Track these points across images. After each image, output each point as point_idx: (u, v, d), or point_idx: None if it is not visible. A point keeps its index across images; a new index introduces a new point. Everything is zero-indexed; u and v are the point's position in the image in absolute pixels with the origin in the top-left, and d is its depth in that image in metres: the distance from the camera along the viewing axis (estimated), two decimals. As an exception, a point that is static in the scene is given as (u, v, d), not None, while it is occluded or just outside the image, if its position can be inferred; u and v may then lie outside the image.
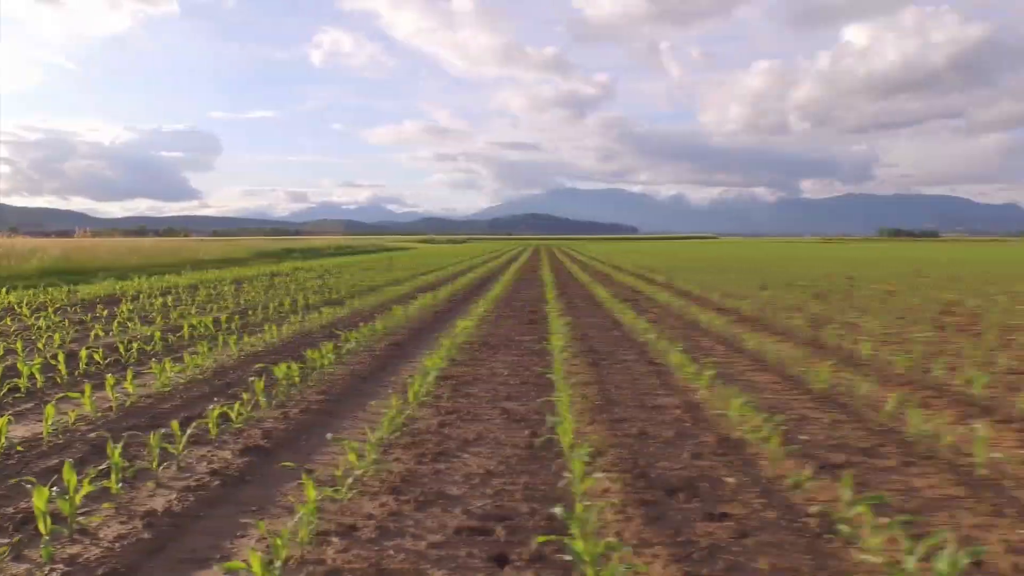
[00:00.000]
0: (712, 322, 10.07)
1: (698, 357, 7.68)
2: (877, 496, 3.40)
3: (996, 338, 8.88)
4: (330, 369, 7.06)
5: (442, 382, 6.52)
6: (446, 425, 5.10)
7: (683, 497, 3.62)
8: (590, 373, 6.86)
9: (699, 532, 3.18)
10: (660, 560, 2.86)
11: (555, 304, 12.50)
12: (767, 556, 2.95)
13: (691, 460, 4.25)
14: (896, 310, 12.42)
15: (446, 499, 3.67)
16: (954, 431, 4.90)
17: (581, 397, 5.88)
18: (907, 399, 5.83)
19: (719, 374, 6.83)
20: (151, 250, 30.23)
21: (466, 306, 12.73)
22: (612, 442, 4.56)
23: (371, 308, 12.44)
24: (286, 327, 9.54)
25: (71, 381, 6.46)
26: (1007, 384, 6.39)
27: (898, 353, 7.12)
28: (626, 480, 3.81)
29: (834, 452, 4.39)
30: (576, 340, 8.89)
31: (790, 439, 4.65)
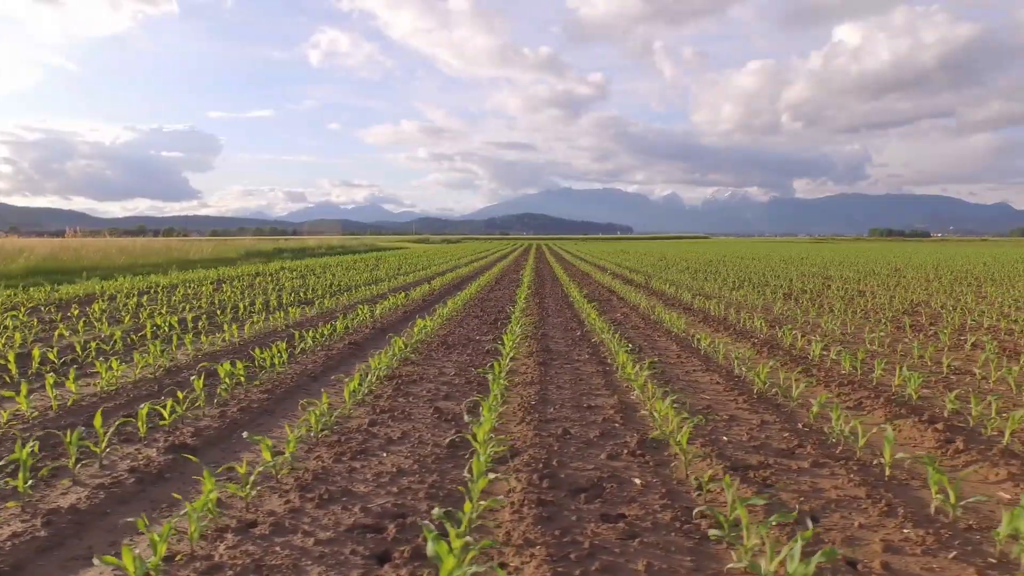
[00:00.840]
0: (676, 322, 10.15)
1: (646, 357, 7.77)
2: (763, 496, 3.49)
3: (948, 339, 8.98)
4: (280, 369, 7.12)
5: (387, 381, 6.59)
6: (376, 424, 5.17)
7: (584, 498, 3.68)
8: (537, 372, 6.93)
9: (587, 533, 3.24)
10: (535, 560, 2.92)
11: (525, 304, 12.58)
12: (648, 557, 3.00)
13: (606, 461, 4.32)
14: (861, 310, 12.52)
15: (349, 497, 3.74)
16: (877, 431, 5.01)
17: (519, 396, 5.96)
18: (842, 399, 5.94)
19: (664, 375, 6.95)
20: (140, 250, 30.23)
21: (436, 306, 12.78)
22: (534, 442, 4.62)
23: (341, 308, 12.50)
24: (248, 327, 9.60)
25: (18, 381, 6.51)
26: (946, 384, 6.48)
27: (846, 353, 7.19)
28: (532, 480, 3.87)
29: (752, 453, 4.46)
30: (534, 339, 8.96)
31: (713, 440, 4.73)
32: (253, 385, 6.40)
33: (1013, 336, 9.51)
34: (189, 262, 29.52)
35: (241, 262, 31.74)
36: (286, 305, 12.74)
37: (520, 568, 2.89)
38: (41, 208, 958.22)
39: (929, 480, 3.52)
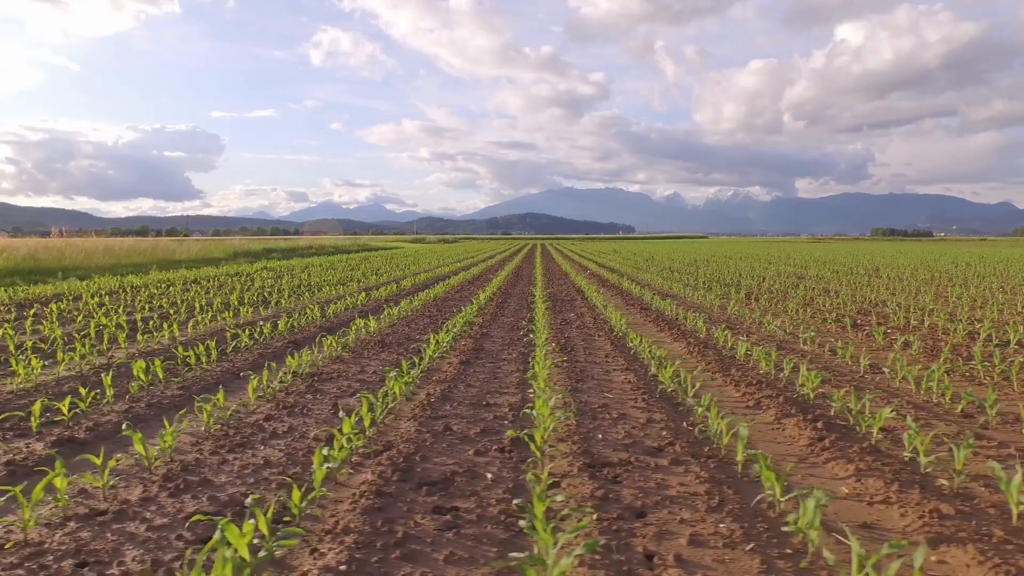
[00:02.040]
0: (619, 322, 10.27)
1: (577, 356, 7.91)
2: (578, 506, 3.62)
3: (882, 338, 9.10)
4: (207, 367, 7.27)
5: (305, 379, 6.73)
6: (271, 419, 5.31)
7: (427, 491, 3.81)
8: (455, 370, 7.06)
9: (409, 523, 3.37)
10: (342, 546, 3.05)
11: (484, 304, 12.72)
12: (454, 547, 3.12)
13: (472, 456, 4.45)
14: (817, 310, 12.62)
15: (205, 487, 3.88)
16: (756, 431, 5.14)
17: (425, 393, 6.10)
18: (746, 399, 6.06)
19: (582, 373, 7.07)
20: (125, 250, 30.41)
21: (392, 305, 12.91)
22: (410, 437, 4.76)
23: (299, 307, 12.65)
24: (191, 327, 9.75)
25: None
26: (854, 384, 6.60)
27: (762, 353, 7.31)
28: (385, 474, 4.01)
29: (619, 451, 4.56)
30: (472, 339, 9.10)
31: (588, 438, 4.85)
32: (172, 382, 6.55)
33: (948, 336, 9.62)
34: (173, 262, 29.72)
35: (227, 262, 31.91)
36: (247, 304, 12.90)
37: (324, 553, 3.02)
38: (44, 208, 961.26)
39: (762, 475, 3.64)
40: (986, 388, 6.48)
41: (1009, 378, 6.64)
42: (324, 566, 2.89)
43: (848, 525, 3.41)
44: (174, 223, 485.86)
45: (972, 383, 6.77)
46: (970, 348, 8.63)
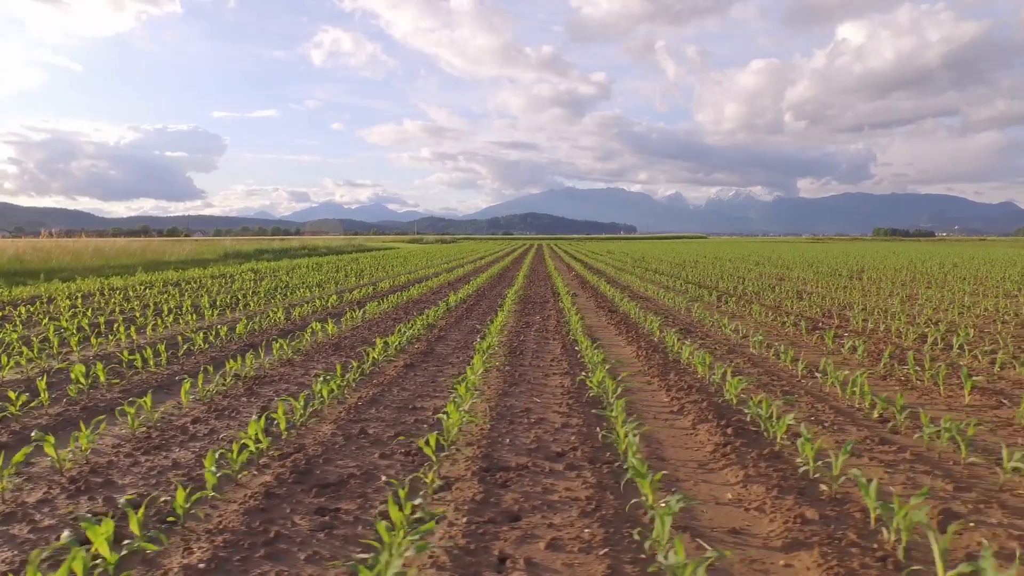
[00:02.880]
0: (588, 323, 10.38)
1: (519, 360, 8.02)
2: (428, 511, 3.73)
3: (831, 341, 9.20)
4: (155, 370, 7.40)
5: (246, 381, 6.85)
6: (198, 422, 5.43)
7: (316, 492, 3.93)
8: (397, 373, 7.19)
9: (285, 525, 3.49)
10: (213, 545, 3.18)
11: (453, 306, 12.84)
12: (320, 547, 3.24)
13: (376, 459, 4.56)
14: (783, 312, 12.71)
15: (107, 488, 4.00)
16: (670, 436, 5.25)
17: (357, 396, 6.22)
18: (673, 403, 6.17)
19: (522, 377, 7.19)
20: (114, 252, 30.58)
21: (353, 311, 13.05)
22: (321, 440, 4.88)
23: (266, 310, 12.77)
24: (150, 330, 9.88)
25: None
26: (785, 388, 6.71)
27: (699, 357, 7.41)
28: (283, 476, 4.13)
29: (521, 456, 4.65)
30: (425, 342, 9.22)
31: (496, 442, 4.96)
32: (115, 386, 6.68)
33: (900, 339, 9.72)
34: (162, 263, 29.88)
35: (216, 264, 32.07)
36: (218, 307, 13.03)
37: (193, 552, 3.15)
38: (47, 208, 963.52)
39: (640, 483, 3.73)
40: (917, 393, 6.60)
41: (939, 383, 6.74)
42: (186, 564, 3.01)
43: (718, 531, 3.53)
44: (176, 223, 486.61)
45: (905, 387, 6.88)
46: (919, 351, 8.74)
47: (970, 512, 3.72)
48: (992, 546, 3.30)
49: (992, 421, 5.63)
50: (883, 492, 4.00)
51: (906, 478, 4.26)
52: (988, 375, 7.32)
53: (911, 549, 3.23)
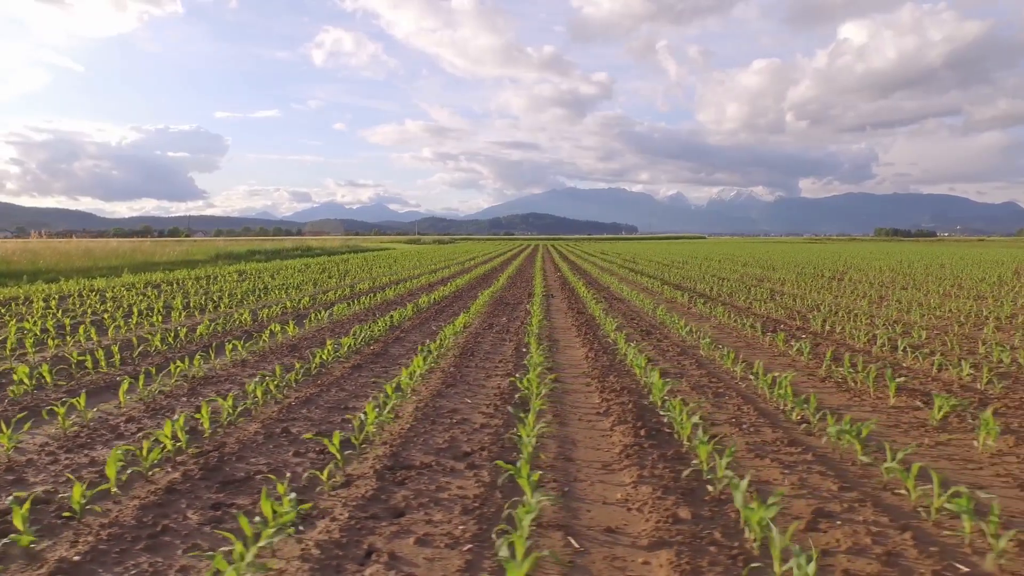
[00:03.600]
0: (553, 325, 10.51)
1: (466, 361, 8.16)
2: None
3: (782, 343, 9.33)
4: (106, 370, 7.55)
5: (192, 381, 7.00)
6: (132, 420, 5.57)
7: (218, 488, 4.09)
8: (342, 374, 7.33)
9: (176, 519, 3.64)
10: (98, 539, 3.33)
11: (419, 308, 12.98)
12: (204, 539, 3.40)
13: (291, 457, 4.72)
14: (749, 313, 12.84)
15: (17, 485, 4.15)
16: (587, 437, 5.39)
17: (295, 397, 6.36)
18: (602, 405, 6.31)
19: (463, 378, 7.33)
20: (103, 253, 30.78)
21: (318, 313, 13.21)
22: (246, 439, 5.03)
23: (236, 312, 12.93)
24: (112, 331, 10.02)
25: None
26: (715, 390, 6.85)
27: (639, 360, 7.55)
28: (191, 473, 4.28)
29: (430, 455, 4.77)
30: (384, 342, 9.36)
31: (411, 442, 5.10)
32: (60, 386, 6.83)
33: (852, 340, 9.84)
34: (152, 264, 30.06)
35: (206, 264, 32.24)
36: (192, 308, 13.19)
37: (79, 546, 3.30)
38: (49, 208, 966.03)
39: (520, 482, 3.85)
40: (850, 394, 6.72)
41: (870, 384, 6.87)
42: (62, 557, 3.16)
43: (594, 529, 3.66)
44: (177, 223, 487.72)
45: (840, 389, 7.01)
46: (867, 352, 8.88)
47: (844, 511, 3.85)
48: (846, 542, 3.44)
49: (909, 422, 5.76)
50: (767, 492, 4.13)
51: (798, 478, 4.39)
52: (924, 377, 7.45)
53: (766, 547, 3.36)
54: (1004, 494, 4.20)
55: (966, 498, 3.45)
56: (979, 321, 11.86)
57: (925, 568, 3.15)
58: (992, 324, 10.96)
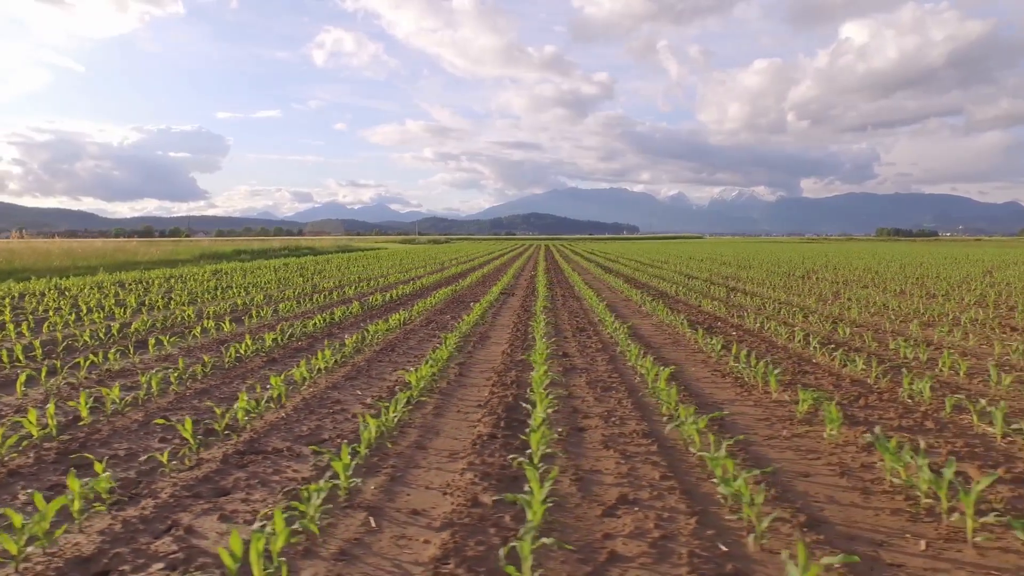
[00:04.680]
0: (497, 322, 10.71)
1: (384, 356, 8.37)
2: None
3: (701, 339, 9.52)
4: (23, 363, 7.77)
5: (98, 374, 7.22)
6: (20, 411, 5.80)
7: (64, 471, 4.30)
8: (262, 364, 7.54)
9: (7, 500, 3.87)
10: None
11: (366, 308, 13.19)
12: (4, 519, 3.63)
13: (156, 443, 4.93)
14: (695, 311, 13.02)
15: None
16: (454, 425, 5.59)
17: (194, 389, 6.58)
18: (486, 396, 6.51)
19: (365, 372, 7.53)
20: (84, 252, 31.04)
21: (261, 310, 13.40)
22: (122, 426, 5.24)
23: (176, 310, 13.16)
24: (46, 330, 10.25)
25: None
26: (596, 383, 7.06)
27: (570, 350, 7.74)
28: (46, 457, 4.50)
29: (287, 441, 4.98)
30: (314, 339, 9.58)
31: (279, 429, 5.32)
32: (-24, 380, 7.05)
33: (774, 338, 10.03)
34: (132, 264, 30.30)
35: (189, 264, 32.48)
36: (146, 307, 13.42)
37: None
38: (51, 209, 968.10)
39: (335, 466, 4.05)
40: (741, 390, 6.89)
41: (758, 380, 7.06)
42: None
43: (401, 511, 3.83)
44: (179, 224, 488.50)
45: (735, 384, 7.19)
46: (786, 349, 9.07)
47: (650, 497, 4.03)
48: (630, 526, 3.62)
49: (781, 416, 5.93)
50: (590, 480, 4.32)
51: (629, 468, 4.57)
52: (823, 372, 7.62)
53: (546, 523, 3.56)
54: (823, 481, 4.39)
55: (744, 485, 3.61)
56: (913, 318, 12.03)
57: (686, 549, 3.33)
58: (917, 321, 11.13)
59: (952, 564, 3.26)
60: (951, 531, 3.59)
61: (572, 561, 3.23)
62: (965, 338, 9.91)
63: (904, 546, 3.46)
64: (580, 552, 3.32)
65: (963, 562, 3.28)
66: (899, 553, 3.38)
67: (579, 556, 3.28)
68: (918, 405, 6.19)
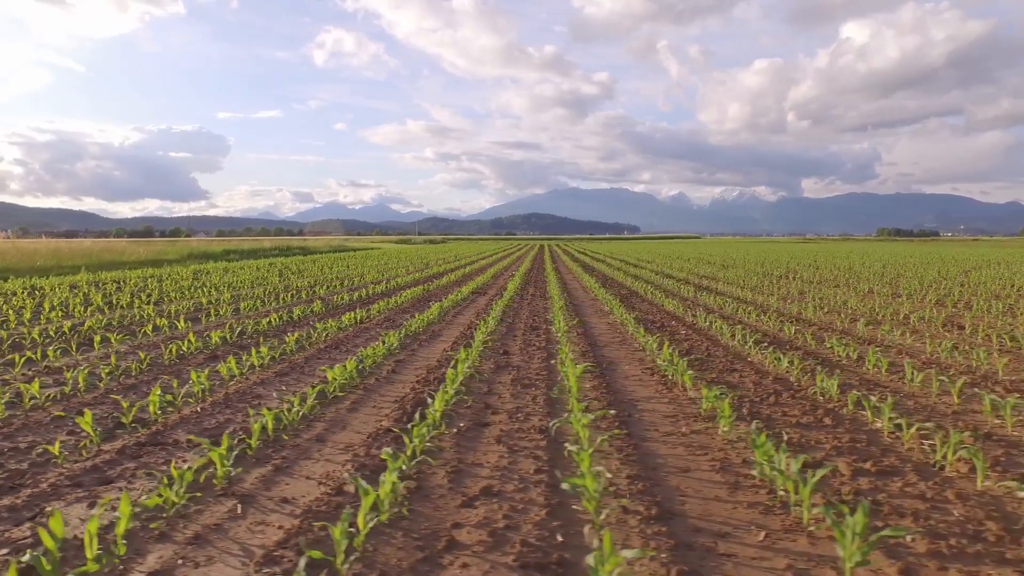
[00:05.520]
0: (456, 321, 10.85)
1: (325, 354, 8.52)
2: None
3: (642, 337, 9.66)
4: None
5: (33, 371, 7.38)
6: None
7: None
8: (205, 360, 7.70)
9: None
10: None
11: (329, 306, 13.33)
12: None
13: (64, 436, 5.09)
14: (656, 309, 13.16)
15: None
16: (362, 419, 5.74)
17: (128, 383, 6.73)
18: (408, 392, 6.65)
19: (297, 368, 7.67)
20: (71, 252, 31.24)
21: (218, 307, 13.55)
22: (35, 419, 5.40)
23: (136, 310, 13.32)
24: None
25: None
26: (523, 379, 7.21)
27: (512, 348, 7.90)
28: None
29: (191, 434, 5.16)
30: (265, 335, 9.73)
31: (189, 422, 5.48)
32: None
33: (719, 336, 10.17)
34: (118, 263, 30.48)
35: (175, 264, 32.65)
36: (114, 306, 13.59)
37: None
38: (52, 209, 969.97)
39: (211, 454, 4.25)
40: (662, 386, 7.03)
41: (677, 377, 7.19)
42: None
43: (273, 499, 3.99)
44: (180, 224, 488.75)
45: (660, 382, 7.32)
46: (727, 347, 9.20)
47: (513, 490, 4.16)
48: (480, 517, 3.77)
49: (689, 413, 6.05)
50: (464, 472, 4.48)
51: (511, 461, 4.69)
52: (751, 370, 7.76)
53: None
54: (700, 475, 4.53)
55: (591, 478, 3.73)
56: (866, 317, 12.16)
57: (522, 538, 3.46)
58: (864, 320, 11.27)
59: (780, 553, 3.40)
60: (795, 522, 3.73)
61: (410, 547, 3.38)
62: (904, 336, 10.05)
63: (744, 537, 3.59)
64: (422, 539, 3.46)
65: (792, 551, 3.42)
66: (736, 544, 3.52)
67: (419, 543, 3.42)
68: (827, 402, 6.33)
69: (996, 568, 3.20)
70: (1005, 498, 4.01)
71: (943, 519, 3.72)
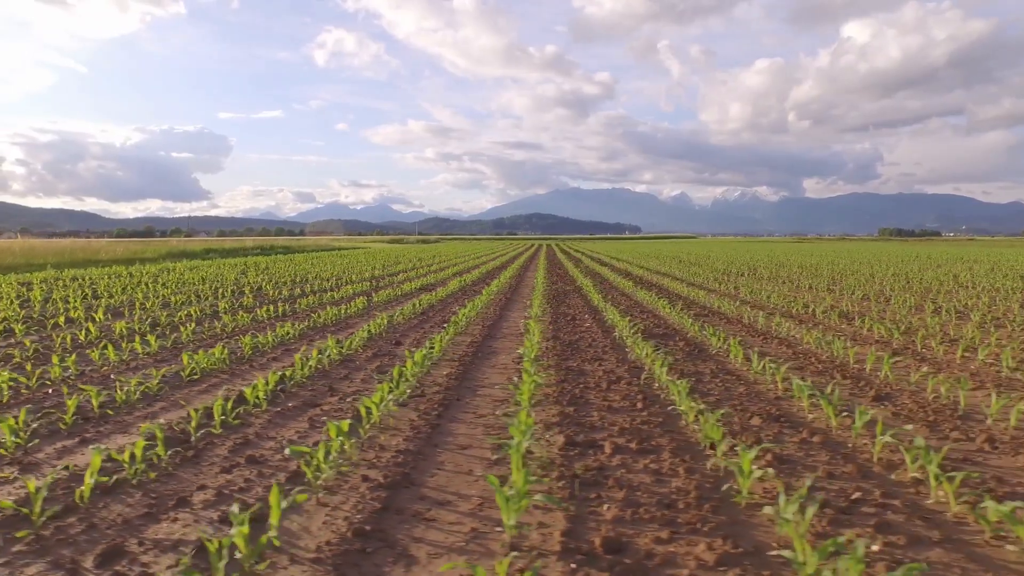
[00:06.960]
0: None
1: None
2: None
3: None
4: None
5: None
6: None
7: None
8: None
9: None
10: None
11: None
12: None
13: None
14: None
15: None
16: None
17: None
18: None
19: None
20: (45, 251, 31.61)
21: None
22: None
23: (73, 307, 13.62)
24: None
25: None
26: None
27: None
28: None
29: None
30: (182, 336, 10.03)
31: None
32: None
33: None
34: (91, 261, 30.82)
35: (152, 263, 32.97)
36: (53, 301, 13.93)
37: None
38: (54, 209, 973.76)
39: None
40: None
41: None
42: None
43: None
44: (181, 224, 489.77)
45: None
46: (611, 335, 9.47)
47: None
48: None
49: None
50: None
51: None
52: (613, 357, 8.04)
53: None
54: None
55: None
56: (776, 311, 12.43)
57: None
58: (763, 313, 11.55)
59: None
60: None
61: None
62: (793, 328, 10.30)
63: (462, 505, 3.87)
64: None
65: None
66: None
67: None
68: (648, 384, 6.64)
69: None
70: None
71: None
